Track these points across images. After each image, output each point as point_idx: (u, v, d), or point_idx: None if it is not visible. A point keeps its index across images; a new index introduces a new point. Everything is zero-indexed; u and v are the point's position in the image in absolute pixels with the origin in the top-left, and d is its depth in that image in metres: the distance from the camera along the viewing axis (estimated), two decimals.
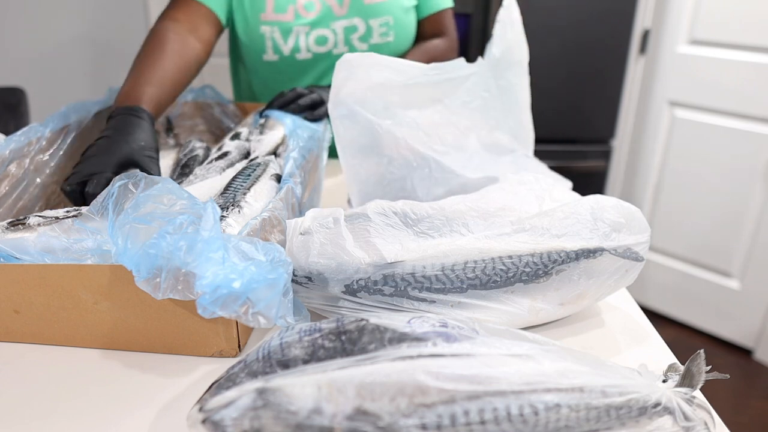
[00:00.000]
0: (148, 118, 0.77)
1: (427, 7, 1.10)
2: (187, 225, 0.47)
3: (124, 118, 0.76)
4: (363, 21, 1.03)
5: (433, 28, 1.13)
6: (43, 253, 0.55)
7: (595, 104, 2.01)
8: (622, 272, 0.56)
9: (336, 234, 0.56)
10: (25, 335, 0.57)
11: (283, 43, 1.03)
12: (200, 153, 0.85)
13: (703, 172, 1.92)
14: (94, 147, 0.72)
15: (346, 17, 1.02)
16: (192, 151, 0.85)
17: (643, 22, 1.97)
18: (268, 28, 1.01)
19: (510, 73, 0.78)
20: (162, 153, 0.93)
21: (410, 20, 1.08)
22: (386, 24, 1.04)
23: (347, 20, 1.02)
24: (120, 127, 0.74)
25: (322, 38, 1.03)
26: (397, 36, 1.07)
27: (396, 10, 1.04)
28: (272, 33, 1.01)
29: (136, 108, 0.77)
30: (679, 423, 0.40)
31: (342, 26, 1.03)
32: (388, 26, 1.04)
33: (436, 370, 0.38)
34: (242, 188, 0.65)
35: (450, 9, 1.14)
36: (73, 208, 0.60)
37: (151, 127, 0.77)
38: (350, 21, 1.03)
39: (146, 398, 0.50)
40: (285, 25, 1.01)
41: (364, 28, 1.04)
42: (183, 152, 0.85)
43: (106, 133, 0.73)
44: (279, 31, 1.01)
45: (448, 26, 1.14)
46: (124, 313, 0.54)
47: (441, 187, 0.72)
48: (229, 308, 0.44)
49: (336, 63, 0.69)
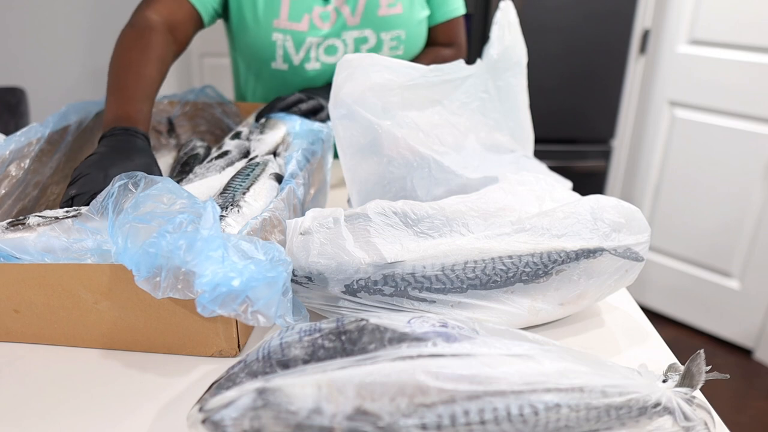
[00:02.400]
0: (145, 139, 0.75)
1: (440, 14, 1.08)
2: (186, 224, 0.47)
3: (125, 138, 0.73)
4: (374, 33, 1.02)
5: (445, 36, 1.11)
6: (43, 253, 0.55)
7: (595, 104, 2.01)
8: (622, 272, 0.56)
9: (336, 234, 0.56)
10: (26, 335, 0.57)
11: (294, 53, 1.01)
12: (201, 152, 0.85)
13: (703, 172, 1.92)
14: (90, 165, 0.67)
15: (358, 27, 1.01)
16: (192, 149, 0.85)
17: (643, 22, 1.97)
18: (281, 36, 0.98)
19: (508, 74, 0.78)
20: (162, 152, 0.94)
21: (422, 32, 1.07)
22: (397, 38, 1.03)
23: (358, 31, 1.01)
24: (120, 148, 0.71)
25: (332, 48, 1.02)
26: (407, 50, 1.05)
27: (409, 24, 1.03)
28: (284, 42, 0.99)
29: (133, 129, 0.74)
30: (679, 423, 0.40)
31: (353, 37, 1.02)
32: (399, 40, 1.03)
33: (436, 370, 0.38)
34: (241, 188, 0.65)
35: (461, 17, 1.12)
36: (73, 208, 0.60)
37: (150, 150, 0.74)
38: (361, 32, 1.01)
39: (146, 398, 0.50)
40: (299, 35, 0.99)
41: (375, 40, 1.02)
42: (183, 151, 0.85)
43: (102, 151, 0.69)
44: (292, 41, 0.99)
45: (458, 34, 1.12)
46: (124, 313, 0.54)
47: (441, 187, 0.72)
48: (229, 307, 0.44)
49: (338, 63, 0.69)
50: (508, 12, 0.78)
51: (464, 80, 0.76)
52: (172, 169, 0.83)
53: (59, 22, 2.12)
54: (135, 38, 0.86)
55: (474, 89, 0.77)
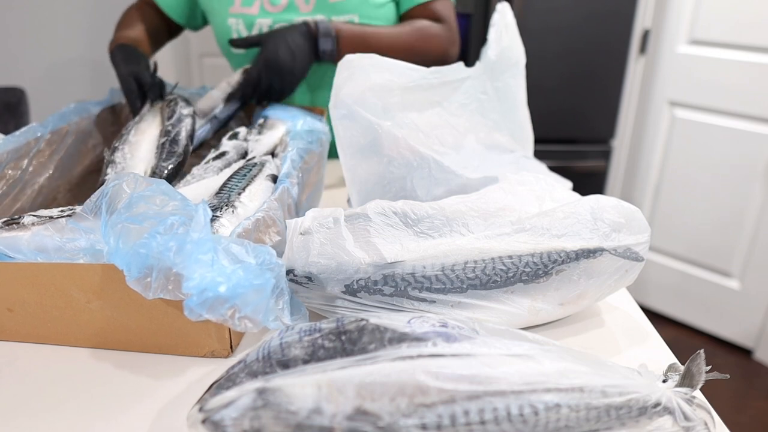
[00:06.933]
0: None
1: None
2: (177, 226, 0.47)
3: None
4: (326, 19, 1.02)
5: (425, 18, 1.06)
6: (36, 252, 0.55)
7: (595, 104, 2.01)
8: (622, 272, 0.56)
9: (336, 234, 0.56)
10: (19, 334, 0.57)
11: (246, 35, 1.05)
12: (188, 124, 0.83)
13: (703, 172, 1.92)
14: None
15: (310, 14, 1.03)
16: (179, 120, 0.83)
17: (643, 22, 1.97)
18: (234, 21, 1.05)
19: (507, 75, 0.78)
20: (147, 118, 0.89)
21: (383, 15, 1.05)
22: (350, 22, 1.02)
23: (310, 17, 1.02)
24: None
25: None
26: None
27: (363, 8, 1.03)
28: (237, 25, 1.05)
29: None
30: (679, 423, 0.40)
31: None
32: (352, 24, 1.03)
33: (436, 370, 0.38)
34: (237, 188, 0.65)
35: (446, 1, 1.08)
36: (68, 208, 0.60)
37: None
38: (313, 18, 1.02)
39: (144, 398, 0.50)
40: (249, 18, 1.04)
41: None
42: (169, 122, 0.83)
43: None
44: (243, 24, 1.05)
45: (441, 16, 1.06)
46: (116, 313, 0.54)
47: (441, 187, 0.72)
48: (216, 311, 0.44)
49: (338, 63, 0.69)
50: (506, 14, 0.78)
51: (463, 82, 0.76)
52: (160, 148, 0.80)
53: (59, 22, 2.12)
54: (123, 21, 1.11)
55: (473, 90, 0.77)
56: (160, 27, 1.13)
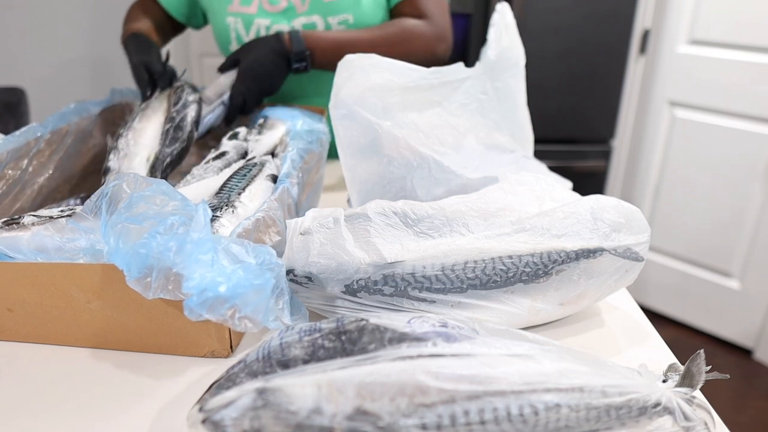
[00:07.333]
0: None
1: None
2: (177, 226, 0.47)
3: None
4: (322, 18, 1.03)
5: (410, 13, 1.04)
6: (36, 252, 0.55)
7: (595, 104, 2.01)
8: (622, 272, 0.56)
9: (336, 234, 0.56)
10: (19, 333, 0.57)
11: (245, 34, 1.05)
12: (193, 110, 0.84)
13: (703, 172, 1.92)
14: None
15: (306, 14, 1.03)
16: (184, 106, 0.83)
17: (643, 22, 1.97)
18: (233, 20, 1.05)
19: (506, 75, 0.78)
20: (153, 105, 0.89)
21: (375, 15, 1.05)
22: (345, 22, 1.03)
23: (306, 17, 1.03)
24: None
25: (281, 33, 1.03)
26: None
27: (357, 7, 1.03)
28: (236, 24, 1.05)
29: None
30: (679, 423, 0.40)
31: (301, 23, 1.04)
32: (347, 24, 1.03)
33: (436, 370, 0.38)
34: (237, 188, 0.65)
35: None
36: (68, 208, 0.60)
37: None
38: (309, 18, 1.03)
39: (143, 398, 0.50)
40: (248, 17, 1.04)
41: (323, 25, 1.04)
42: (174, 109, 0.83)
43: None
44: (242, 23, 1.05)
45: (426, 10, 1.03)
46: (116, 313, 0.54)
47: (441, 187, 0.72)
48: (216, 311, 0.44)
49: (338, 63, 0.69)
50: (505, 14, 0.78)
51: (463, 82, 0.76)
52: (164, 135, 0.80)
53: (59, 22, 2.12)
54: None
55: (473, 90, 0.77)
56: (164, 22, 1.15)
